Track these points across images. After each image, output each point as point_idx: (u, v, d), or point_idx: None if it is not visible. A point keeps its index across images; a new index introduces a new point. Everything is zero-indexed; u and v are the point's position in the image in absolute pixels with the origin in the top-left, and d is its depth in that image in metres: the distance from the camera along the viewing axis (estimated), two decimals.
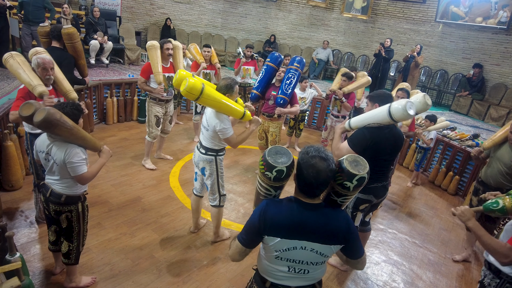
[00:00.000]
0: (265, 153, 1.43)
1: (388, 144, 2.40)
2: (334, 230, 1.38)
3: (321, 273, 1.51)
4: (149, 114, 4.14)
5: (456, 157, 5.00)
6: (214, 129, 2.60)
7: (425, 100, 2.49)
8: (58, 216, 2.15)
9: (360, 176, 1.38)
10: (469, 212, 1.78)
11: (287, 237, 1.36)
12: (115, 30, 7.90)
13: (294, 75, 3.94)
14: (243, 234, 1.44)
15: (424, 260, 3.30)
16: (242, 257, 1.48)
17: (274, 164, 1.38)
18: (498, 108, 7.43)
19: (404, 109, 2.16)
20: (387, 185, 2.65)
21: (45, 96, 2.52)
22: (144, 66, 4.05)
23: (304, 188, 1.38)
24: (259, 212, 1.39)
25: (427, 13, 8.88)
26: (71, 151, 2.01)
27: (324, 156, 1.34)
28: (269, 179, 1.41)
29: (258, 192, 1.57)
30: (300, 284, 1.47)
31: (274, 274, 1.46)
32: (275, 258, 1.41)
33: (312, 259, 1.40)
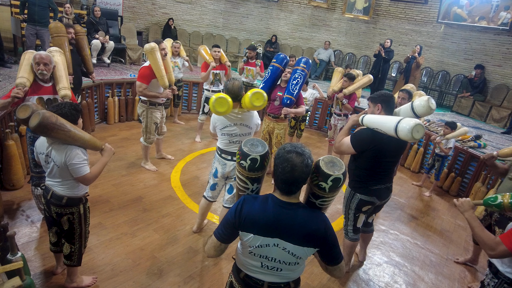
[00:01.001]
0: (241, 144, 1.48)
1: (392, 145, 2.38)
2: (309, 232, 1.35)
3: (297, 273, 1.50)
4: (148, 121, 3.98)
5: (458, 158, 4.99)
6: (257, 124, 2.80)
7: (428, 104, 2.40)
8: (60, 218, 2.13)
9: (335, 177, 1.36)
10: (468, 204, 1.88)
11: (261, 234, 1.36)
12: (116, 30, 7.90)
13: (301, 75, 3.92)
14: (220, 229, 1.46)
15: (426, 261, 3.29)
16: (218, 253, 1.49)
17: (248, 153, 1.42)
18: (500, 109, 7.41)
19: (409, 132, 2.08)
20: (391, 187, 2.63)
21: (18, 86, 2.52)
22: (142, 70, 3.75)
23: (280, 185, 1.37)
24: (235, 207, 1.41)
25: (429, 14, 8.87)
26: (71, 152, 1.99)
27: (300, 151, 1.34)
28: (244, 168, 1.45)
29: (238, 189, 1.60)
30: (273, 280, 1.47)
31: (248, 267, 1.48)
32: (249, 253, 1.43)
33: (284, 258, 1.39)
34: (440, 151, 4.51)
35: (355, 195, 2.57)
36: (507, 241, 1.65)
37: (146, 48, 3.65)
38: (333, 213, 3.92)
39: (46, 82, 2.72)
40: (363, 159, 2.44)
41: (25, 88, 2.54)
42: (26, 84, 2.56)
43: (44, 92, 2.71)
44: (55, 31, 3.31)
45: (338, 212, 3.93)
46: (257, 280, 1.48)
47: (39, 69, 2.61)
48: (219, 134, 2.76)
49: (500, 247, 1.66)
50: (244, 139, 2.66)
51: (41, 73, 2.62)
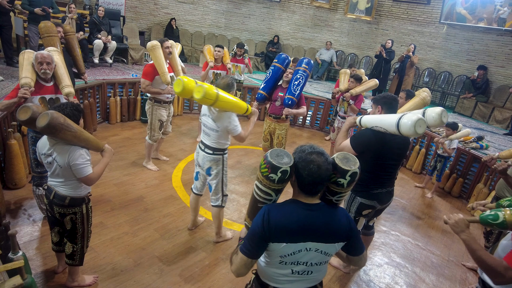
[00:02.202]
0: (267, 156, 1.41)
1: (394, 148, 2.37)
2: (336, 228, 1.39)
3: (323, 273, 1.51)
4: (153, 118, 4.03)
5: (460, 159, 4.97)
6: (226, 128, 2.64)
7: (441, 118, 2.28)
8: (63, 218, 2.14)
9: (353, 171, 1.39)
10: (463, 223, 1.61)
11: (293, 241, 1.34)
12: (118, 30, 7.92)
13: (303, 76, 3.92)
14: (247, 245, 1.38)
15: (427, 262, 3.28)
16: (248, 270, 1.43)
17: (279, 165, 1.36)
18: (503, 110, 7.38)
19: (412, 126, 2.08)
20: (392, 191, 2.61)
21: (24, 87, 2.53)
22: (146, 68, 3.86)
23: (307, 187, 1.37)
24: (261, 219, 1.35)
25: (432, 15, 8.84)
26: (74, 153, 1.99)
27: (320, 151, 1.37)
28: (273, 181, 1.39)
29: (256, 199, 1.51)
30: (303, 286, 1.46)
31: (276, 279, 1.44)
32: (279, 263, 1.39)
33: (316, 259, 1.40)
34: (443, 151, 4.49)
35: (355, 199, 2.55)
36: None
37: (148, 45, 3.75)
38: None
39: (48, 81, 2.74)
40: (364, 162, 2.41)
41: (31, 88, 2.56)
42: (31, 84, 2.57)
43: (46, 92, 2.72)
44: (45, 31, 3.26)
45: None
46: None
47: (42, 69, 2.62)
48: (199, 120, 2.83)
49: (509, 273, 1.43)
50: (211, 135, 2.69)
51: (44, 72, 2.63)
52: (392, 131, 2.21)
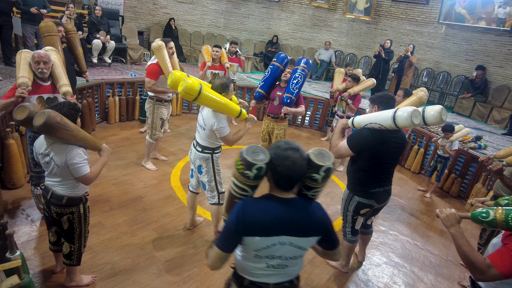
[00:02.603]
0: (242, 153, 1.43)
1: (391, 147, 2.37)
2: (311, 222, 1.40)
3: (299, 268, 1.52)
4: (154, 117, 4.05)
5: (458, 159, 4.98)
6: (211, 128, 2.63)
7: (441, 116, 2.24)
8: (60, 218, 2.14)
9: (327, 167, 1.40)
10: (454, 217, 1.62)
11: (266, 234, 1.36)
12: (117, 30, 7.91)
13: (301, 75, 3.92)
14: (222, 240, 1.41)
15: (426, 262, 3.29)
16: (222, 263, 1.44)
17: (254, 162, 1.38)
18: (501, 110, 7.40)
19: (409, 117, 2.10)
20: (390, 190, 2.62)
21: (21, 86, 2.52)
22: (150, 68, 3.89)
23: (282, 183, 1.39)
24: (236, 213, 1.37)
25: (430, 15, 8.86)
26: (72, 152, 1.99)
27: (295, 147, 1.38)
28: (248, 177, 1.41)
29: (233, 195, 1.53)
30: (279, 280, 1.48)
31: (252, 272, 1.46)
32: (254, 257, 1.41)
33: (290, 253, 1.42)
34: (443, 152, 4.48)
35: (353, 198, 2.56)
36: (498, 263, 1.45)
37: (153, 46, 3.77)
38: (333, 213, 3.92)
39: (45, 81, 2.73)
40: (362, 161, 2.44)
41: (28, 88, 2.55)
42: (28, 84, 2.57)
43: (43, 91, 2.71)
44: (46, 30, 3.29)
45: (337, 213, 3.93)
46: (262, 284, 1.46)
47: (39, 68, 2.61)
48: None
49: (491, 271, 1.46)
50: (200, 131, 2.71)
51: (42, 71, 2.63)
52: (388, 125, 2.22)
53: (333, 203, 4.16)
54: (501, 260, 1.46)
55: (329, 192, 4.42)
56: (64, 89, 2.74)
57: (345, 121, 2.54)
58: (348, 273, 2.95)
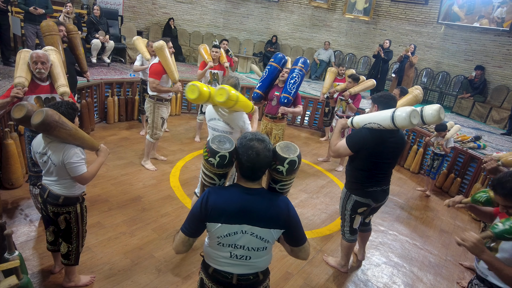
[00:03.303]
0: (208, 141, 1.49)
1: (390, 146, 2.37)
2: (274, 214, 1.42)
3: (265, 261, 1.53)
4: (155, 116, 4.04)
5: (458, 159, 4.98)
6: (241, 128, 2.66)
7: (439, 114, 2.23)
8: (57, 217, 2.13)
9: (291, 159, 1.43)
10: (479, 242, 1.52)
11: (228, 222, 1.39)
12: (117, 30, 7.91)
13: (299, 75, 3.92)
14: (186, 224, 1.46)
15: (425, 262, 3.29)
16: (186, 248, 1.49)
17: (217, 150, 1.43)
18: (500, 110, 7.41)
19: (407, 117, 2.10)
20: (387, 189, 2.62)
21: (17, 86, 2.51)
22: (154, 67, 3.85)
23: (246, 172, 1.43)
24: (201, 200, 1.43)
25: (429, 15, 8.87)
26: (69, 151, 1.98)
27: (261, 137, 1.42)
28: (213, 165, 1.45)
29: (203, 183, 1.59)
30: (242, 271, 1.49)
31: (216, 261, 1.49)
32: (217, 244, 1.45)
33: (253, 244, 1.43)
34: (440, 150, 4.50)
35: (350, 196, 2.56)
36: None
37: (156, 46, 3.75)
38: (332, 213, 3.91)
39: (44, 81, 2.72)
40: (360, 160, 2.44)
41: (24, 88, 2.54)
42: (25, 84, 2.56)
43: (41, 91, 2.70)
44: (46, 30, 3.29)
45: (336, 213, 3.93)
46: (226, 274, 1.49)
47: (37, 68, 2.60)
48: (208, 126, 2.81)
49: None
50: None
51: (39, 71, 2.62)
52: (386, 125, 2.23)
53: (332, 203, 4.15)
54: None
55: (328, 192, 4.42)
56: (61, 90, 2.72)
57: (344, 121, 2.55)
58: (347, 273, 2.95)
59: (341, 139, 2.52)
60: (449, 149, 4.44)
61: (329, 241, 3.39)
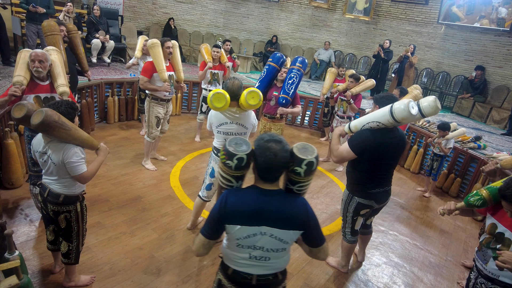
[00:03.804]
0: (225, 144, 1.49)
1: (391, 147, 2.36)
2: (292, 215, 1.42)
3: (284, 262, 1.53)
4: (149, 115, 4.05)
5: (458, 159, 4.98)
6: (253, 125, 2.76)
7: (436, 104, 2.28)
8: (57, 216, 2.13)
9: (309, 161, 1.42)
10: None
11: (247, 223, 1.39)
12: (117, 29, 7.91)
13: (297, 75, 3.91)
14: (206, 227, 1.47)
15: (425, 262, 3.29)
16: (207, 250, 1.50)
17: (235, 152, 1.43)
18: (500, 111, 7.41)
19: (406, 108, 2.11)
20: (389, 190, 2.61)
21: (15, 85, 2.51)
22: (145, 65, 3.93)
23: (264, 173, 1.43)
24: (219, 202, 1.43)
25: (430, 15, 8.87)
26: (69, 151, 1.99)
27: (278, 139, 1.42)
28: (230, 168, 1.46)
29: (220, 186, 1.60)
30: (262, 272, 1.49)
31: (236, 262, 1.49)
32: (236, 245, 1.45)
33: (272, 245, 1.43)
34: (439, 151, 4.49)
35: (353, 198, 2.55)
36: None
37: (148, 43, 3.79)
38: (333, 213, 3.91)
39: (43, 80, 2.71)
40: (361, 162, 2.42)
41: (22, 86, 2.53)
42: (23, 83, 2.55)
43: (41, 91, 2.70)
44: (48, 29, 3.28)
45: (337, 213, 3.93)
46: (245, 275, 1.49)
47: (34, 67, 2.60)
48: (215, 132, 2.78)
49: None
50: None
51: (37, 70, 2.61)
52: (386, 121, 2.23)
53: (333, 203, 4.15)
54: None
55: (328, 192, 4.42)
56: (61, 89, 2.71)
57: (341, 128, 2.53)
58: (347, 273, 2.95)
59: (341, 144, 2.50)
60: (448, 150, 4.41)
61: (329, 241, 3.38)
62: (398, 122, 2.22)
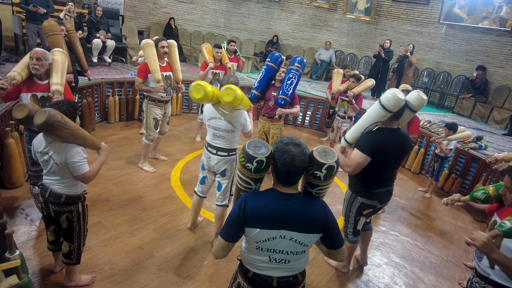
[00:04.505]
0: (244, 146, 1.49)
1: (395, 146, 2.35)
2: (312, 219, 1.42)
3: (303, 263, 1.53)
4: (147, 116, 4.01)
5: (459, 159, 4.97)
6: (243, 125, 2.67)
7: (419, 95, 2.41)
8: (58, 216, 2.13)
9: (329, 165, 1.42)
10: (489, 241, 1.52)
11: (266, 227, 1.39)
12: (117, 29, 7.91)
13: (295, 75, 3.90)
14: (225, 229, 1.47)
15: (426, 262, 3.28)
16: (226, 253, 1.50)
17: (254, 155, 1.44)
18: (501, 111, 7.39)
19: (394, 96, 2.15)
20: (392, 190, 2.61)
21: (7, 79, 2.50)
22: (140, 66, 3.90)
23: (282, 176, 1.42)
24: (238, 205, 1.43)
25: (431, 15, 8.85)
26: (71, 150, 1.99)
27: (297, 142, 1.42)
28: (250, 170, 1.46)
29: (238, 188, 1.60)
30: (282, 274, 1.50)
31: (256, 265, 1.49)
32: (256, 249, 1.45)
33: (291, 248, 1.43)
34: (440, 151, 4.47)
35: (356, 198, 2.54)
36: None
37: (142, 43, 3.78)
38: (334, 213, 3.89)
39: (42, 79, 2.70)
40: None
41: (13, 81, 2.51)
42: (16, 78, 2.54)
43: (38, 89, 2.68)
44: (49, 29, 3.26)
45: (338, 213, 3.92)
46: (265, 277, 1.49)
47: (31, 64, 2.59)
48: (206, 125, 2.79)
49: None
50: (226, 136, 2.67)
51: (34, 67, 2.59)
52: (381, 117, 2.24)
53: (334, 203, 4.15)
54: None
55: (329, 192, 4.42)
56: (53, 88, 2.67)
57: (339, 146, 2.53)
58: (348, 274, 2.94)
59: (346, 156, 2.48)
60: (448, 151, 4.37)
61: None
62: (391, 112, 2.22)
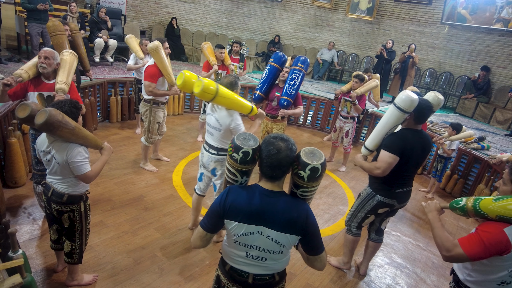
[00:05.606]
0: (233, 138, 1.52)
1: (418, 147, 2.38)
2: (291, 219, 1.40)
3: (281, 264, 1.53)
4: (152, 121, 3.94)
5: (461, 160, 4.96)
6: (228, 127, 2.60)
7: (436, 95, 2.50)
8: (60, 216, 2.13)
9: (313, 166, 1.40)
10: (434, 205, 1.82)
11: (245, 221, 1.40)
12: (119, 29, 7.92)
13: (298, 75, 3.89)
14: (205, 219, 1.48)
15: (428, 263, 3.27)
16: (203, 243, 1.51)
17: (241, 146, 1.46)
18: (504, 111, 7.37)
19: (408, 97, 2.22)
20: (410, 190, 2.60)
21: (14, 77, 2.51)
22: (150, 70, 3.69)
23: (266, 169, 1.42)
24: (220, 197, 1.45)
25: (433, 15, 8.83)
26: (73, 150, 1.99)
27: (285, 138, 1.44)
28: (236, 161, 1.48)
29: (226, 180, 1.62)
30: (258, 272, 1.50)
31: (233, 259, 1.51)
32: (234, 242, 1.46)
33: (268, 246, 1.43)
34: (442, 152, 4.46)
35: (375, 196, 2.54)
36: (466, 244, 1.54)
37: (150, 46, 3.58)
38: (335, 214, 3.90)
39: (49, 78, 2.71)
40: None
41: (18, 79, 2.52)
42: (22, 76, 2.54)
43: (44, 89, 2.69)
44: (53, 29, 3.24)
45: (340, 213, 3.92)
46: (242, 273, 1.50)
47: (39, 62, 2.60)
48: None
49: (456, 249, 1.56)
50: (214, 133, 2.67)
51: (41, 65, 2.60)
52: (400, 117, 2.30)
53: (335, 203, 4.14)
54: (468, 242, 1.55)
55: (331, 193, 4.41)
56: (57, 86, 2.66)
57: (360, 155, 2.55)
58: (350, 270, 2.94)
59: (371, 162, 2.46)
60: (450, 151, 4.36)
61: (331, 241, 3.38)
62: (407, 112, 2.29)
